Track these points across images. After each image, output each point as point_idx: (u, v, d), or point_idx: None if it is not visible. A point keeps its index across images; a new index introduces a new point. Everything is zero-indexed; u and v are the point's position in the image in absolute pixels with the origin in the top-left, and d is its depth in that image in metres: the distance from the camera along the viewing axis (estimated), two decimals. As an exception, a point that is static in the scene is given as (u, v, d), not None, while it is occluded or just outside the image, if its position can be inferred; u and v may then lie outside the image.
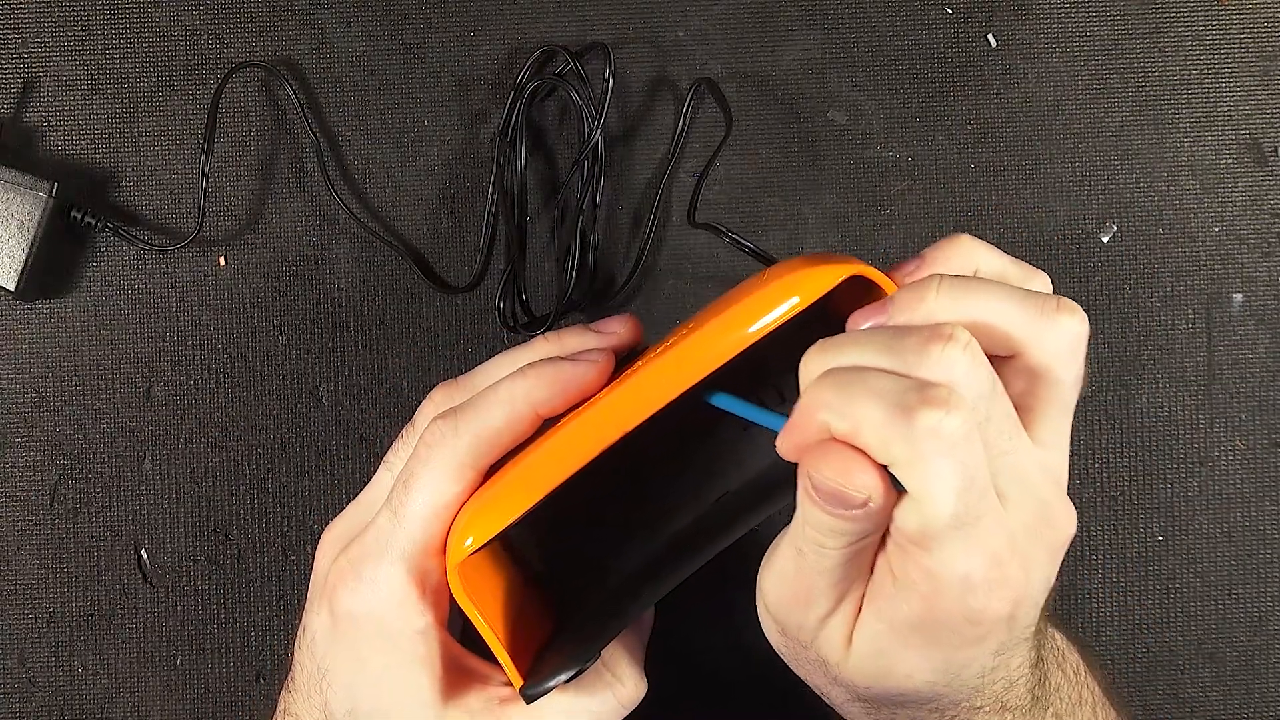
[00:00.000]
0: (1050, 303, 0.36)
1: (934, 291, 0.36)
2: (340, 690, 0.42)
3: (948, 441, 0.33)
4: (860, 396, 0.33)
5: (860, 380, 0.34)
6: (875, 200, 0.57)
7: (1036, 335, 0.36)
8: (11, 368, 0.57)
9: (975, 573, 0.34)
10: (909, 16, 0.58)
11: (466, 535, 0.38)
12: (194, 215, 0.56)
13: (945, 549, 0.34)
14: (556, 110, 0.57)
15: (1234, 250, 0.58)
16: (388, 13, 0.57)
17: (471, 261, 0.57)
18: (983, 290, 0.36)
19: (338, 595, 0.41)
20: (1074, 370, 0.37)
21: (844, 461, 0.34)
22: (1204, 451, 0.57)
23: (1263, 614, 0.57)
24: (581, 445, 0.38)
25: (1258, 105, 0.58)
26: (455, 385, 0.45)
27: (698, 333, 0.38)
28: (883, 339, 0.35)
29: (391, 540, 0.41)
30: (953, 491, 0.33)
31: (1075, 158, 0.58)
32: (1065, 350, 0.36)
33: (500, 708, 0.41)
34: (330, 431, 0.57)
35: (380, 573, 0.41)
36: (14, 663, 0.56)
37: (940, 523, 0.33)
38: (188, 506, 0.57)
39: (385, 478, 0.45)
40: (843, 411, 0.34)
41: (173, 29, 0.57)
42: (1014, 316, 0.36)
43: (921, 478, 0.33)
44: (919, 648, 0.36)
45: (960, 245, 0.39)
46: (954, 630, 0.36)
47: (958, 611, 0.35)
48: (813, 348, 0.36)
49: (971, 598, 0.35)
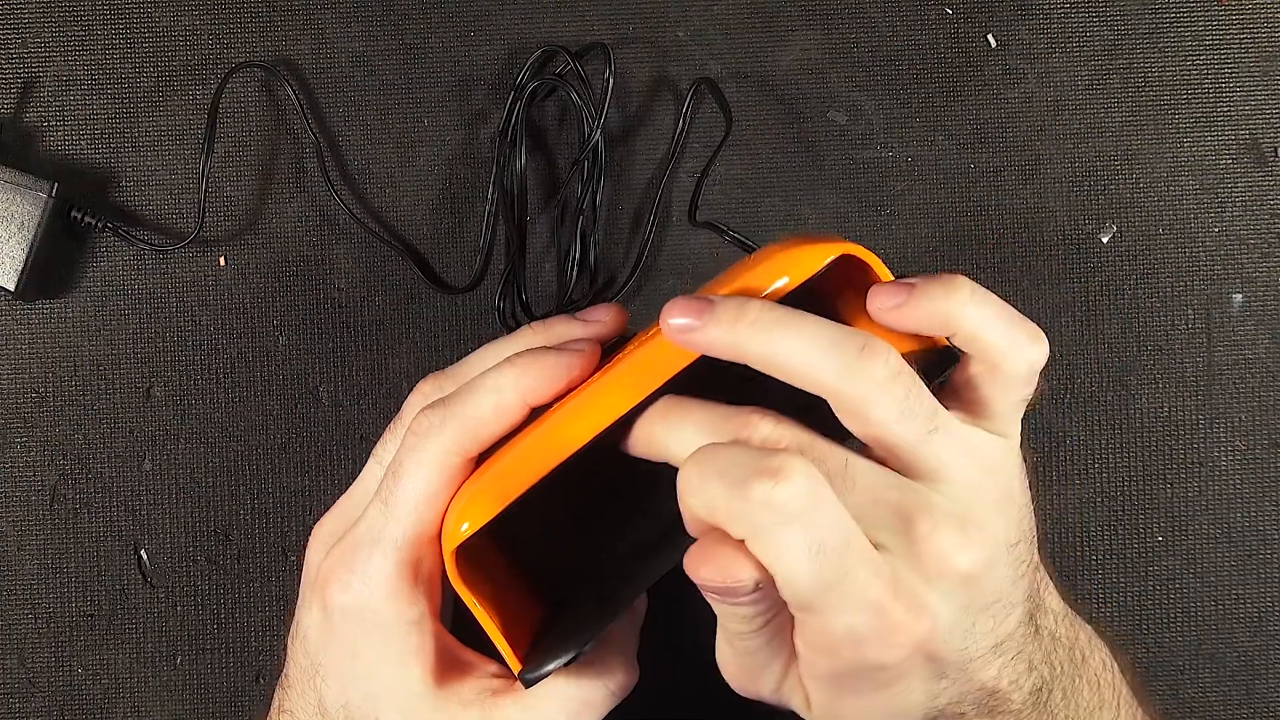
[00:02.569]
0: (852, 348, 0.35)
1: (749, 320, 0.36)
2: (334, 684, 0.42)
3: (785, 512, 0.33)
4: (707, 476, 0.34)
5: (711, 458, 0.34)
6: (875, 200, 0.57)
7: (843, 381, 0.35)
8: (11, 368, 0.57)
9: (859, 625, 0.34)
10: (909, 16, 0.58)
11: (462, 520, 0.39)
12: (194, 215, 0.56)
13: (824, 611, 0.34)
14: (556, 110, 0.57)
15: (1234, 250, 0.58)
16: (388, 13, 0.57)
17: (471, 261, 0.57)
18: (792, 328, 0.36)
19: (329, 589, 0.41)
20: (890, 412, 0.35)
21: (719, 557, 0.34)
22: (1204, 451, 0.57)
23: (1263, 614, 0.57)
24: (573, 431, 0.38)
25: (1258, 105, 0.58)
26: (443, 376, 0.45)
27: None
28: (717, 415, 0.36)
29: (382, 532, 0.41)
30: (803, 560, 0.33)
31: (1075, 158, 0.58)
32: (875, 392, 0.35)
33: (493, 698, 0.41)
34: (330, 431, 0.57)
35: (371, 565, 0.41)
36: (14, 663, 0.56)
37: (803, 591, 0.34)
38: (188, 506, 0.57)
39: (374, 470, 0.45)
40: (702, 494, 0.34)
41: (173, 29, 0.57)
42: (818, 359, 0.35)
43: (765, 553, 0.33)
44: (853, 696, 0.37)
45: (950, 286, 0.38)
46: (869, 678, 0.36)
47: (859, 662, 0.35)
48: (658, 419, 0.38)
49: (865, 649, 0.35)
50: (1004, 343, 0.37)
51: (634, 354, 0.39)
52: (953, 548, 0.35)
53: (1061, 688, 0.40)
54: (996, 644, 0.38)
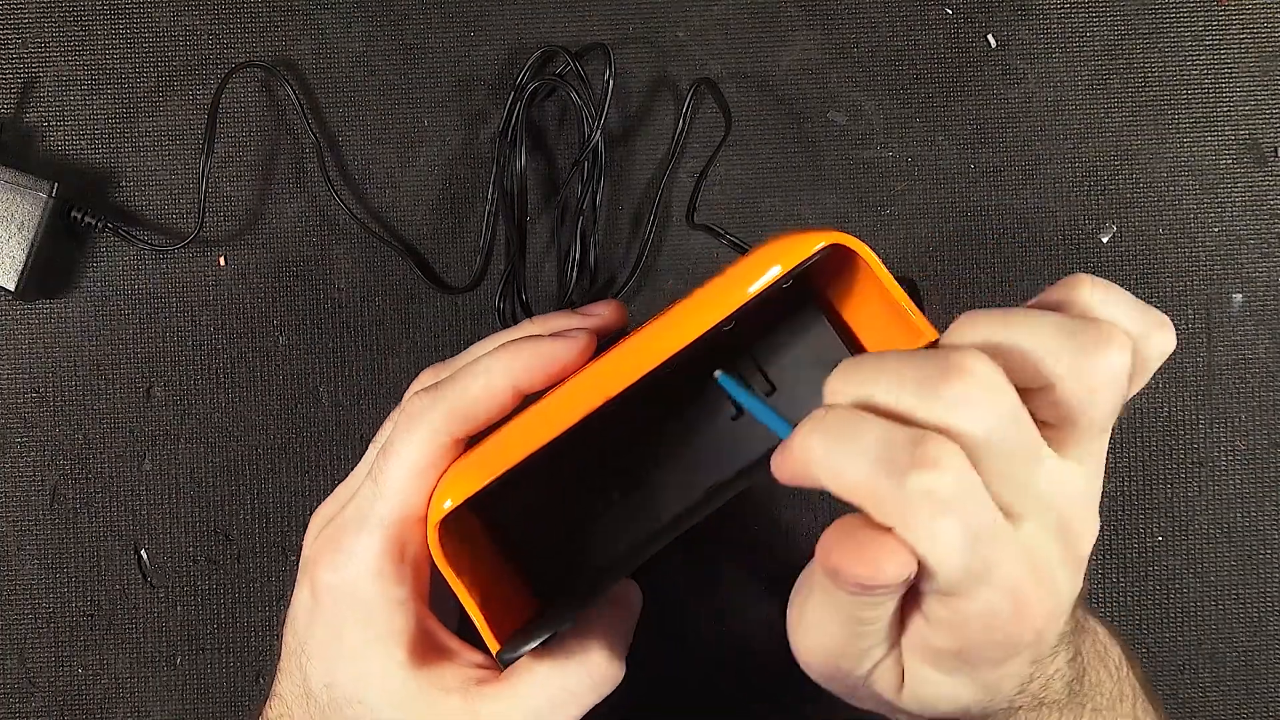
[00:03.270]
0: (1091, 335, 0.34)
1: (970, 324, 0.35)
2: (318, 664, 0.42)
3: (942, 502, 0.32)
4: (850, 452, 0.33)
5: (853, 431, 0.33)
6: (875, 200, 0.57)
7: (1072, 371, 0.34)
8: (11, 368, 0.57)
9: (999, 608, 0.34)
10: (909, 16, 0.58)
11: (445, 497, 0.39)
12: (194, 215, 0.56)
13: (966, 595, 0.34)
14: (556, 111, 0.57)
15: (1234, 250, 0.58)
16: (388, 13, 0.57)
17: (471, 261, 0.57)
18: (1019, 322, 0.35)
19: (318, 569, 0.42)
20: (1110, 402, 0.35)
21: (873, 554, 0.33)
22: (1204, 451, 0.57)
23: (1263, 614, 0.57)
24: (560, 413, 0.38)
25: (1258, 105, 0.58)
26: (443, 365, 0.45)
27: (679, 305, 0.39)
28: (902, 366, 0.34)
29: (370, 511, 0.41)
30: (958, 550, 0.33)
31: (1075, 158, 0.58)
32: (1102, 385, 0.35)
33: (477, 687, 0.41)
34: (330, 431, 0.57)
35: (358, 544, 0.41)
36: (14, 663, 0.56)
37: (955, 580, 0.33)
38: (188, 506, 0.57)
39: (372, 455, 0.45)
40: (830, 465, 0.33)
41: (173, 29, 0.57)
42: (1049, 350, 0.34)
43: (922, 542, 0.33)
44: (959, 675, 0.37)
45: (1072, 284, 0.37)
46: (986, 656, 0.36)
47: (987, 641, 0.35)
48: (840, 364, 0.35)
49: (998, 629, 0.35)
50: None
51: (625, 342, 0.39)
52: (1086, 530, 0.36)
53: (1089, 678, 0.41)
54: (1067, 631, 0.38)
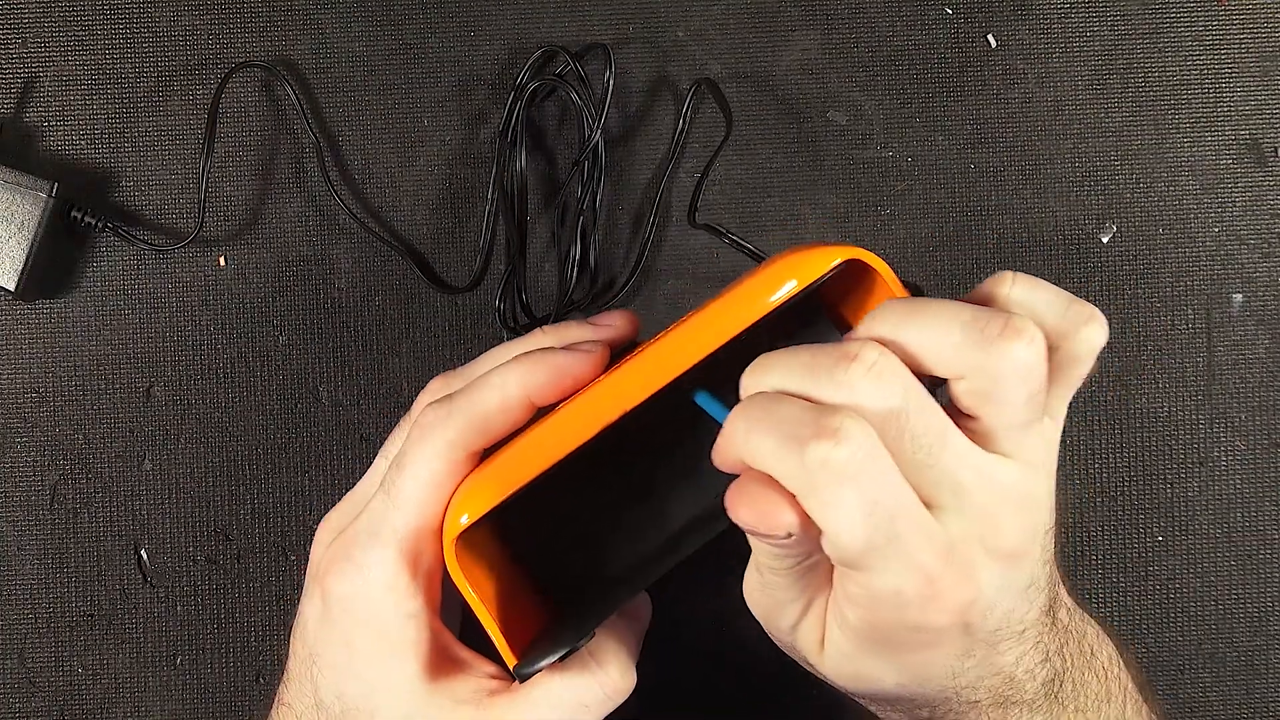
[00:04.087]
0: (996, 327, 0.35)
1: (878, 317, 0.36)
2: (330, 675, 0.42)
3: (840, 471, 0.33)
4: (761, 429, 0.34)
5: (767, 411, 0.34)
6: (875, 200, 0.57)
7: (977, 361, 0.35)
8: (11, 368, 0.57)
9: (906, 588, 0.35)
10: (909, 16, 0.58)
11: (461, 512, 0.39)
12: (194, 215, 0.56)
13: (870, 570, 0.34)
14: (556, 111, 0.57)
15: (1234, 250, 0.58)
16: (388, 13, 0.57)
17: (471, 261, 0.57)
18: (927, 312, 0.35)
19: (330, 579, 0.42)
20: (1021, 396, 0.35)
21: (761, 503, 0.34)
22: (1204, 451, 0.57)
23: (1263, 614, 0.57)
24: (577, 427, 0.38)
25: (1258, 105, 0.58)
26: (453, 375, 0.45)
27: (694, 318, 0.39)
28: (802, 358, 0.35)
29: (383, 523, 0.41)
30: (857, 519, 0.33)
31: (1075, 158, 0.58)
32: (1007, 377, 0.35)
33: (489, 699, 0.41)
34: (330, 431, 0.57)
35: (372, 556, 0.41)
36: (14, 663, 0.56)
37: (854, 550, 0.34)
38: (188, 506, 0.57)
39: (381, 466, 0.45)
40: (748, 444, 0.34)
41: (173, 29, 0.57)
42: (954, 341, 0.35)
43: (821, 509, 0.33)
44: (876, 654, 0.37)
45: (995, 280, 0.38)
46: (901, 639, 0.36)
47: (897, 623, 0.36)
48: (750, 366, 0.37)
49: (907, 612, 0.35)
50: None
51: (639, 354, 0.39)
52: (1014, 522, 0.36)
53: (1072, 679, 0.41)
54: (1022, 630, 0.38)
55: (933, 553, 0.34)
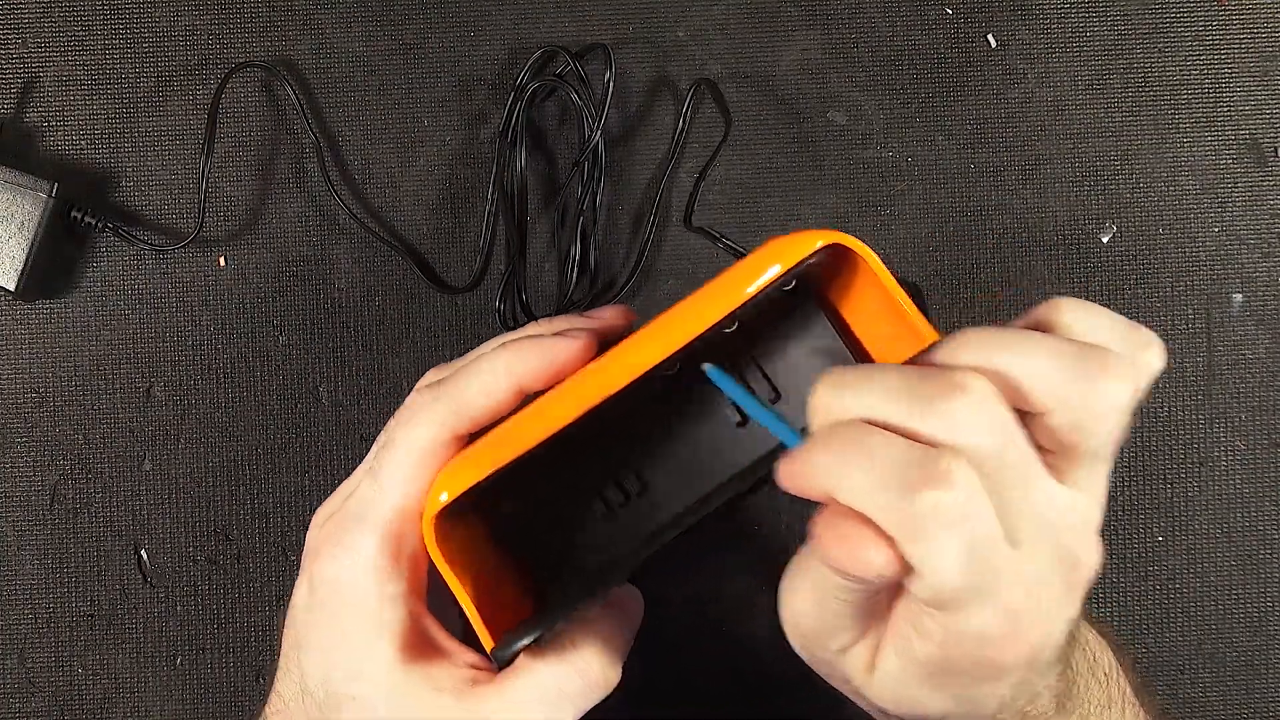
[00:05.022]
0: (1095, 364, 0.34)
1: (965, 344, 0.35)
2: (314, 658, 0.42)
3: (948, 518, 0.32)
4: (858, 467, 0.33)
5: (862, 447, 0.33)
6: (875, 200, 0.57)
7: (1072, 398, 0.34)
8: (11, 368, 0.57)
9: (991, 628, 0.34)
10: (909, 16, 0.58)
11: (441, 490, 0.39)
12: (194, 215, 0.56)
13: (959, 611, 0.34)
14: (556, 111, 0.57)
15: (1234, 250, 0.58)
16: (388, 13, 0.57)
17: (471, 261, 0.57)
18: (1017, 344, 0.35)
19: (317, 563, 0.42)
20: (1110, 432, 0.35)
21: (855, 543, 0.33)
22: (1204, 451, 0.57)
23: (1263, 614, 0.57)
24: (558, 410, 0.38)
25: (1258, 105, 0.58)
26: (446, 366, 0.45)
27: (678, 305, 0.39)
28: (895, 383, 0.34)
29: (368, 506, 0.41)
30: (958, 564, 0.33)
31: (1075, 158, 0.58)
32: (1102, 415, 0.35)
33: (470, 688, 0.41)
34: (330, 431, 0.57)
35: (355, 538, 0.41)
36: (14, 663, 0.56)
37: (948, 593, 0.33)
38: (188, 506, 0.57)
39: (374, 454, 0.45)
40: (840, 480, 0.33)
41: (173, 29, 0.57)
42: (1046, 375, 0.34)
43: (925, 555, 0.33)
44: (935, 686, 0.37)
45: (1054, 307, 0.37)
46: (971, 674, 0.36)
47: (974, 660, 0.35)
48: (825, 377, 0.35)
49: (989, 650, 0.35)
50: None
51: (626, 341, 0.39)
52: (1087, 557, 0.36)
53: (1078, 688, 0.41)
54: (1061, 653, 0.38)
55: (1021, 592, 0.34)
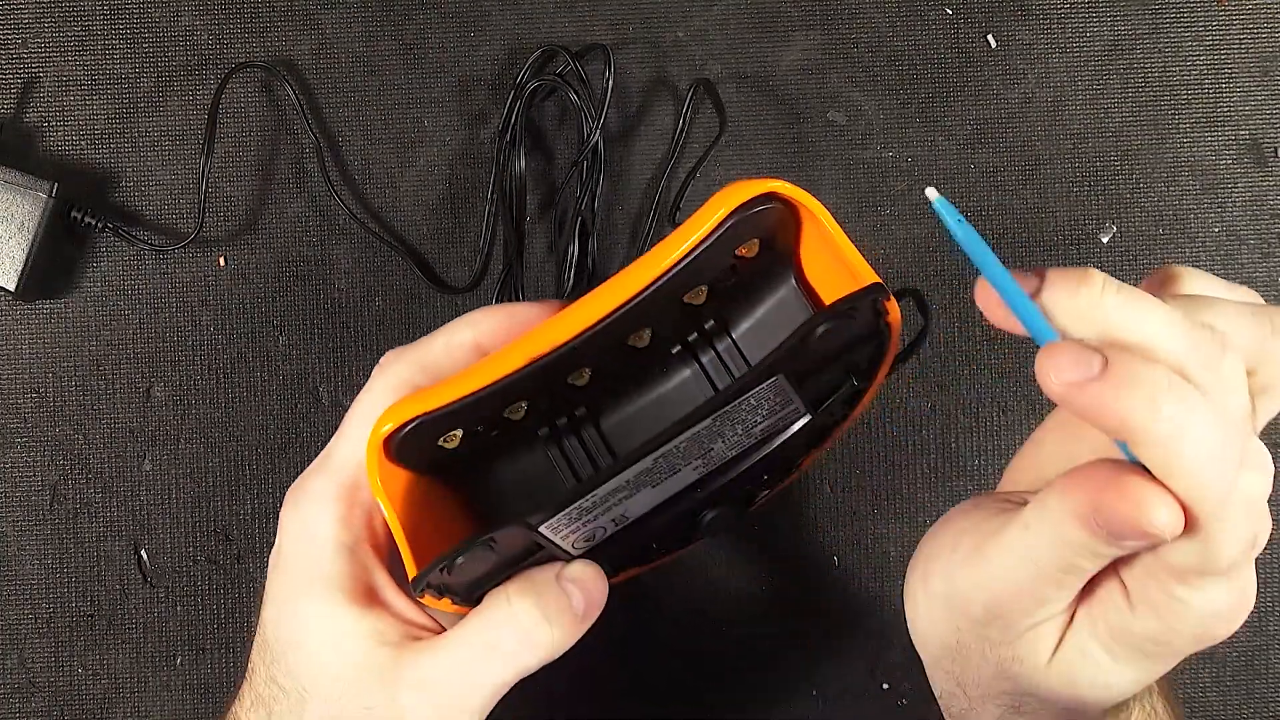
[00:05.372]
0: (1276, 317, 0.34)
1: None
2: (271, 608, 0.42)
3: (1257, 504, 0.32)
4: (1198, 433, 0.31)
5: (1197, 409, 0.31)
6: (875, 200, 0.57)
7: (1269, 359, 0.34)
8: (11, 368, 0.57)
9: (1226, 607, 0.34)
10: (909, 16, 0.58)
11: (385, 422, 0.40)
12: (194, 215, 0.56)
13: (1211, 587, 0.34)
14: (556, 111, 0.57)
15: (1234, 250, 0.58)
16: (388, 13, 0.57)
17: (471, 261, 0.57)
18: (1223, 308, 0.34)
19: (284, 518, 0.43)
20: None
21: (1145, 501, 0.31)
22: (1204, 452, 0.57)
23: (1263, 614, 0.57)
24: (510, 357, 0.39)
25: (1258, 105, 0.58)
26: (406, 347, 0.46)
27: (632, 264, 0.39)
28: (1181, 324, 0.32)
29: (329, 457, 0.42)
30: (1241, 545, 0.33)
31: (1075, 158, 0.58)
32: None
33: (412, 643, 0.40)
34: (330, 431, 0.56)
35: (315, 485, 0.42)
36: (14, 663, 0.56)
37: (1220, 569, 0.33)
38: (188, 506, 0.57)
39: None
40: (1177, 436, 0.31)
41: (173, 29, 0.57)
42: (1256, 333, 0.34)
43: (1222, 532, 0.32)
44: (1134, 661, 0.36)
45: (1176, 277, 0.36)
46: (1178, 649, 0.35)
47: (1194, 635, 0.35)
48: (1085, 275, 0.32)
49: (1215, 626, 0.35)
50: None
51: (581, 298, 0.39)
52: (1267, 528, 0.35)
53: None
54: None
55: (1251, 571, 0.34)
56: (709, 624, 0.56)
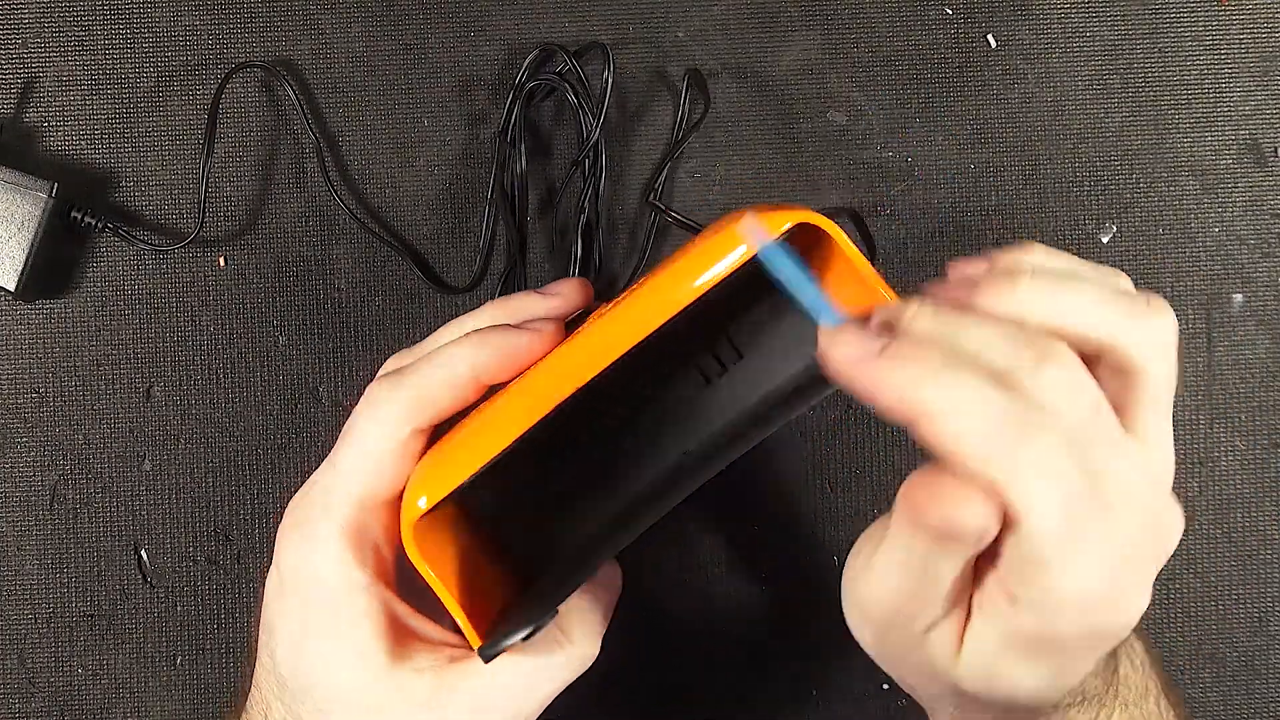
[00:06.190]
0: (1140, 301, 0.35)
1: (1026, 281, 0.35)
2: (285, 647, 0.41)
3: (1053, 468, 0.32)
4: (969, 404, 0.32)
5: (969, 384, 0.32)
6: (875, 200, 0.57)
7: (1127, 335, 0.35)
8: (11, 368, 0.57)
9: (1093, 589, 0.34)
10: (909, 16, 0.58)
11: (419, 494, 0.39)
12: (194, 215, 0.56)
13: (1059, 566, 0.33)
14: (556, 110, 0.57)
15: (1234, 250, 0.58)
16: (388, 13, 0.57)
17: (471, 261, 0.57)
18: (1074, 287, 0.35)
19: (283, 553, 0.42)
20: (1166, 368, 0.36)
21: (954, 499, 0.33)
22: (1204, 451, 0.57)
23: (1263, 614, 0.57)
24: (531, 404, 0.38)
25: (1258, 105, 0.58)
26: (407, 352, 0.45)
27: (645, 286, 0.38)
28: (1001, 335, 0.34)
29: (329, 495, 0.41)
30: (1060, 512, 0.32)
31: (1075, 158, 0.58)
32: (1157, 350, 0.35)
33: (450, 666, 0.40)
34: (330, 431, 0.57)
35: (317, 528, 0.41)
36: (14, 663, 0.56)
37: (1051, 542, 0.33)
38: (188, 506, 0.57)
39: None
40: (945, 407, 0.32)
41: (173, 29, 0.57)
42: (1105, 316, 0.35)
43: (1031, 503, 0.32)
44: (1031, 660, 0.36)
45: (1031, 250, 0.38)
46: (1071, 646, 0.35)
47: (1078, 629, 0.35)
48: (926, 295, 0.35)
49: (1093, 616, 0.34)
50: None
51: (594, 325, 0.39)
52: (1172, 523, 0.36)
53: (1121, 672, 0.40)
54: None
55: (1117, 555, 0.34)
56: (709, 624, 0.56)
